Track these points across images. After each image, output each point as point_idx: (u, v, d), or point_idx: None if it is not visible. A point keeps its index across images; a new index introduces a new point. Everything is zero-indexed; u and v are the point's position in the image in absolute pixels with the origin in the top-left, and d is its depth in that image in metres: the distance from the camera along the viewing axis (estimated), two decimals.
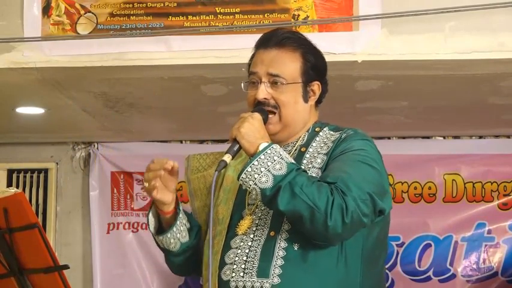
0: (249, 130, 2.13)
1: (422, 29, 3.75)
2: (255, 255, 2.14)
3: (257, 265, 2.13)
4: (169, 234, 2.27)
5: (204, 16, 3.87)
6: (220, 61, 3.85)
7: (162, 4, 3.90)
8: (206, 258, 2.20)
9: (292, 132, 2.31)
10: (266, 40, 2.31)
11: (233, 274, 2.14)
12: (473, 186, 5.53)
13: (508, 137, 5.56)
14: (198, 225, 2.37)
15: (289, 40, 2.29)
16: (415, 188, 5.57)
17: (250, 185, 2.07)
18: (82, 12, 3.93)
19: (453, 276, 5.50)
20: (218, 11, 3.86)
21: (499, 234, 5.50)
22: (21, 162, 5.87)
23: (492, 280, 5.50)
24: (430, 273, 5.52)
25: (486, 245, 5.50)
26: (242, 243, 2.18)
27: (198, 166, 2.44)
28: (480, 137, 5.60)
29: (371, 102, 4.65)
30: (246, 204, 2.25)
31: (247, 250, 2.16)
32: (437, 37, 3.75)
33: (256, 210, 2.22)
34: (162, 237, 2.28)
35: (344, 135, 2.26)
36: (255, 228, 2.18)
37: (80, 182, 5.87)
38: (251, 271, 2.13)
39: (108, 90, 4.37)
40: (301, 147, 2.30)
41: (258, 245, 2.15)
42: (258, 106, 2.25)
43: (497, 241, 5.50)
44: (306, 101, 2.31)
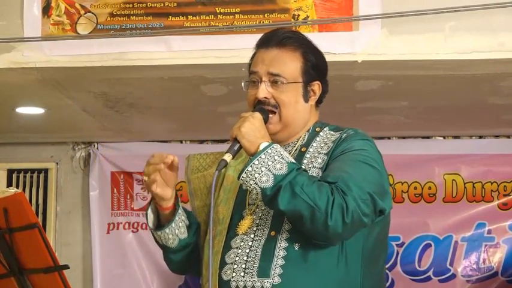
0: (250, 129, 2.12)
1: (422, 29, 3.75)
2: (256, 255, 2.14)
3: (258, 265, 2.12)
4: (167, 229, 2.27)
5: (204, 16, 3.87)
6: (220, 61, 3.85)
7: (162, 4, 3.90)
8: (206, 258, 2.19)
9: (292, 132, 2.31)
10: (267, 40, 2.31)
11: (234, 274, 2.14)
12: (473, 186, 5.53)
13: (508, 137, 5.56)
14: (197, 222, 2.36)
15: (289, 40, 2.29)
16: (415, 188, 5.56)
17: (250, 185, 2.07)
18: (82, 12, 3.93)
19: (453, 276, 5.50)
20: (218, 11, 3.86)
21: (499, 234, 5.49)
22: (21, 162, 5.87)
23: (492, 280, 5.49)
24: (430, 273, 5.52)
25: (486, 245, 5.50)
26: (243, 243, 2.17)
27: (198, 166, 2.43)
28: (480, 137, 5.60)
29: (371, 102, 4.65)
30: (247, 204, 2.25)
31: (247, 250, 2.15)
32: (437, 37, 3.75)
33: (256, 210, 2.21)
34: (161, 232, 2.28)
35: (344, 135, 2.26)
36: (256, 228, 2.18)
37: (80, 182, 5.86)
38: (252, 271, 2.12)
39: (108, 90, 4.36)
40: (301, 147, 2.29)
41: (259, 245, 2.15)
42: (259, 105, 2.25)
43: (497, 241, 5.50)
44: (307, 101, 2.30)
